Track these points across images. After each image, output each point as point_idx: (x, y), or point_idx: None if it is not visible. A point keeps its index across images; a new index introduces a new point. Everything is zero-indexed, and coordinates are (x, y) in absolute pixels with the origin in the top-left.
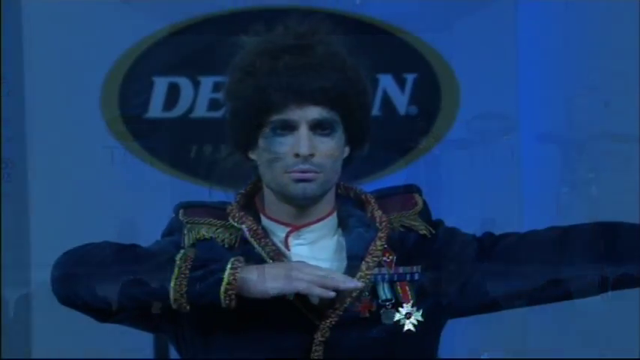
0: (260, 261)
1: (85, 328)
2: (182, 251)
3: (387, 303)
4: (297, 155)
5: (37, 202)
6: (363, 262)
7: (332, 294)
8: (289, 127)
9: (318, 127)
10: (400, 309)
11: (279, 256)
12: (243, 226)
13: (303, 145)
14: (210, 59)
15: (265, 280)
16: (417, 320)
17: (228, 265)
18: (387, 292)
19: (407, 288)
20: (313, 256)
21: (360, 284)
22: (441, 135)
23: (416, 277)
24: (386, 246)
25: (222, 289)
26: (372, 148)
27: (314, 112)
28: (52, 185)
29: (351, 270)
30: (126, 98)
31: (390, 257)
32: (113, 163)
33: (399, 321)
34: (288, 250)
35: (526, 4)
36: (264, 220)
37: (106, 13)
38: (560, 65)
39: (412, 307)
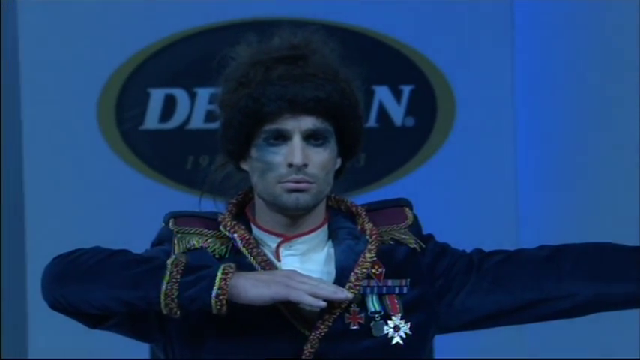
0: (250, 270)
1: (82, 331)
2: (173, 256)
3: (376, 315)
4: (290, 165)
5: (33, 209)
6: (352, 274)
7: (323, 304)
8: (282, 137)
9: (312, 138)
10: (389, 321)
11: (269, 266)
12: (235, 236)
13: (297, 155)
14: (207, 71)
15: (256, 286)
16: (406, 333)
17: (220, 271)
18: (375, 304)
19: (396, 301)
20: (303, 267)
21: (350, 295)
22: (437, 147)
23: (405, 290)
24: (376, 258)
25: (214, 293)
26: (369, 160)
27: (308, 123)
28: (48, 192)
29: (339, 281)
30: (122, 110)
31: (380, 270)
32: (109, 174)
33: (387, 333)
34: (279, 260)
35: (523, 13)
36: (256, 231)
37: (103, 25)
38: (558, 74)
39: (400, 320)
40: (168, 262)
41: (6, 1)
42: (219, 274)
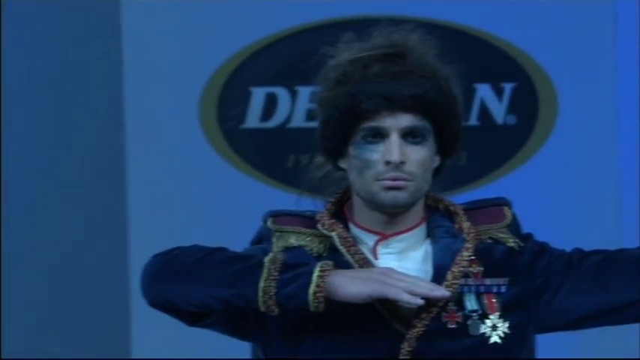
0: (348, 269)
1: (184, 330)
2: (271, 254)
3: (474, 314)
4: (387, 163)
5: (136, 208)
6: (449, 272)
7: (420, 301)
8: (380, 135)
9: (410, 135)
10: (486, 320)
11: (367, 264)
12: (333, 234)
13: (395, 153)
14: (308, 69)
15: (354, 284)
16: (504, 332)
17: (317, 268)
18: (473, 303)
19: (493, 300)
20: (401, 265)
21: (448, 293)
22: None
23: (502, 289)
24: (473, 257)
25: (311, 290)
26: (470, 158)
27: (405, 120)
28: (150, 193)
29: (437, 280)
30: (224, 109)
31: (477, 268)
32: (210, 173)
33: (484, 333)
34: (376, 258)
35: (626, 11)
36: (353, 229)
37: (204, 24)
38: None
39: (499, 319)
40: (266, 259)
41: (109, 2)
42: (316, 272)
